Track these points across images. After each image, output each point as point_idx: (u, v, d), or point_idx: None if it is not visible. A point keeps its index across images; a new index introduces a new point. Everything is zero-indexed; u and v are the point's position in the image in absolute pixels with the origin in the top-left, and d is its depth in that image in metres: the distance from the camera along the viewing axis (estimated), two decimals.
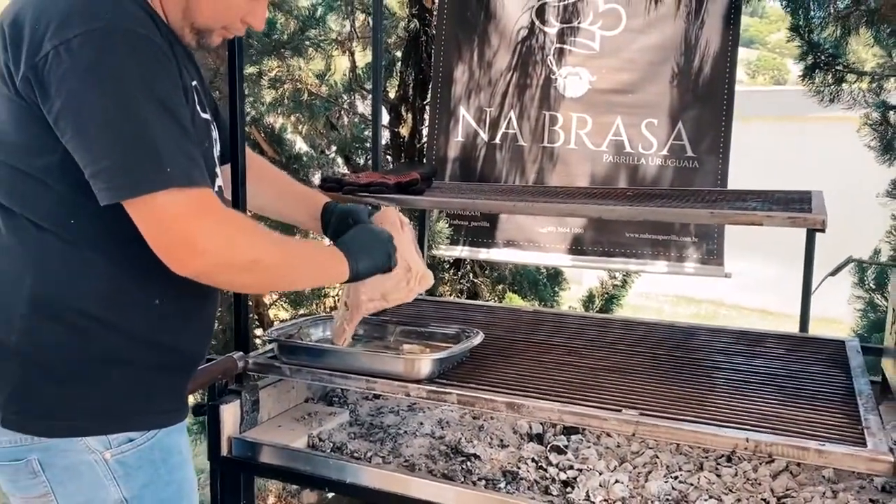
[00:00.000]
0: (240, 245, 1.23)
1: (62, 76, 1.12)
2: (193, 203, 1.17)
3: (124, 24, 1.17)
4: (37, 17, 1.15)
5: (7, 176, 1.22)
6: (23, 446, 1.25)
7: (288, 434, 1.71)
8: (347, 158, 3.57)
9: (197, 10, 1.29)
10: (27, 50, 1.14)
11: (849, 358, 1.69)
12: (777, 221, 1.53)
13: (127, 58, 1.15)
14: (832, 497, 1.48)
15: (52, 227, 1.22)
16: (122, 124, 1.14)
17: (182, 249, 1.17)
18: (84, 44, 1.13)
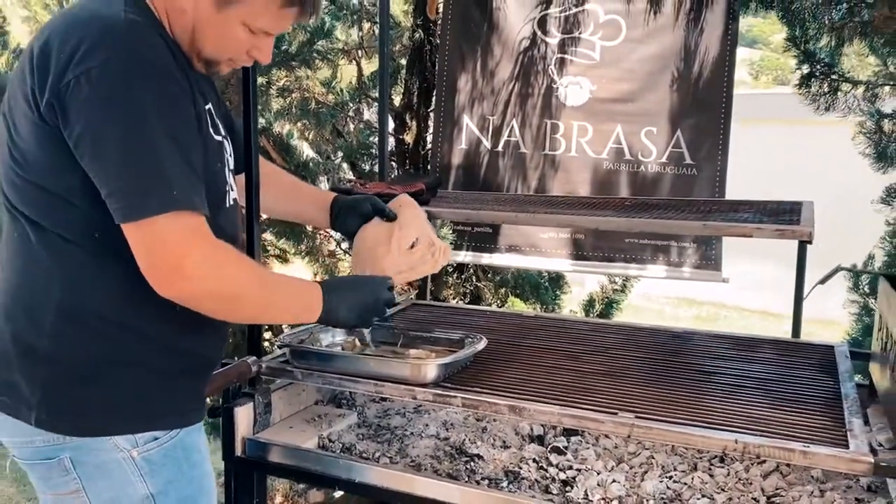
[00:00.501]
0: (226, 277, 1.30)
1: (82, 104, 1.20)
2: (189, 229, 1.24)
3: (143, 56, 1.24)
4: (62, 45, 1.22)
5: (34, 194, 1.29)
6: (55, 445, 1.32)
7: (299, 435, 1.79)
8: (353, 165, 3.64)
9: (201, 41, 1.35)
10: (52, 77, 1.21)
11: (837, 363, 1.76)
12: (766, 234, 1.59)
13: (142, 89, 1.22)
14: (819, 496, 1.55)
15: (78, 240, 1.29)
16: (134, 152, 1.22)
17: (170, 272, 1.24)
18: (104, 74, 1.20)
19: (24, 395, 1.32)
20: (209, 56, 1.38)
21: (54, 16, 1.40)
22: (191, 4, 1.32)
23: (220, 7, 1.32)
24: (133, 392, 1.34)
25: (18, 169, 1.29)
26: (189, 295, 1.27)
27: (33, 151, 1.27)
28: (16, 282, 1.35)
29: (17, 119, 1.28)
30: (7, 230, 1.37)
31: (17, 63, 3.77)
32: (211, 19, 1.33)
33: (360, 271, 1.62)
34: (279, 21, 1.38)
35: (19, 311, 1.34)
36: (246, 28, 1.35)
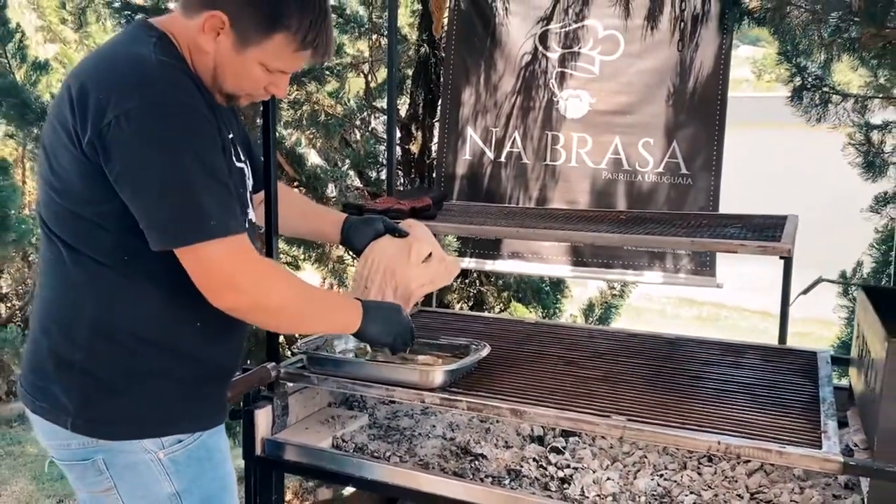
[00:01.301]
0: (272, 289, 1.43)
1: (122, 143, 1.31)
2: (232, 249, 1.37)
3: (174, 96, 1.36)
4: (100, 87, 1.34)
5: (71, 219, 1.41)
6: (90, 448, 1.45)
7: (314, 435, 1.91)
8: (360, 173, 3.76)
9: (222, 79, 1.46)
10: (93, 117, 1.32)
11: (819, 368, 1.87)
12: (750, 250, 1.71)
13: (176, 126, 1.34)
14: (799, 493, 1.67)
15: (109, 262, 1.41)
16: (172, 185, 1.33)
17: (224, 288, 1.37)
18: (141, 114, 1.31)
19: (62, 403, 1.44)
20: (229, 91, 1.49)
21: (87, 57, 1.50)
22: (212, 46, 1.43)
23: (239, 50, 1.43)
24: (159, 400, 1.47)
25: (57, 196, 1.41)
26: (239, 306, 1.40)
27: (73, 182, 1.39)
28: (51, 299, 1.48)
29: (58, 152, 1.39)
30: (44, 252, 1.50)
31: (34, 76, 3.88)
32: (231, 60, 1.44)
33: (379, 281, 1.74)
34: (294, 62, 1.49)
35: (55, 326, 1.46)
36: (263, 67, 1.46)
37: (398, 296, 1.75)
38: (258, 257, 1.43)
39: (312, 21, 1.43)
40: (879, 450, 1.43)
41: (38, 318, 1.50)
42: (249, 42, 1.42)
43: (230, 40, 1.42)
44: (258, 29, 1.41)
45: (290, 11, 1.41)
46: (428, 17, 3.41)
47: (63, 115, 1.38)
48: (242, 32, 1.42)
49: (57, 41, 5.26)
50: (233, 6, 1.40)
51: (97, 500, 1.50)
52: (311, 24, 1.43)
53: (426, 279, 1.78)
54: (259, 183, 1.75)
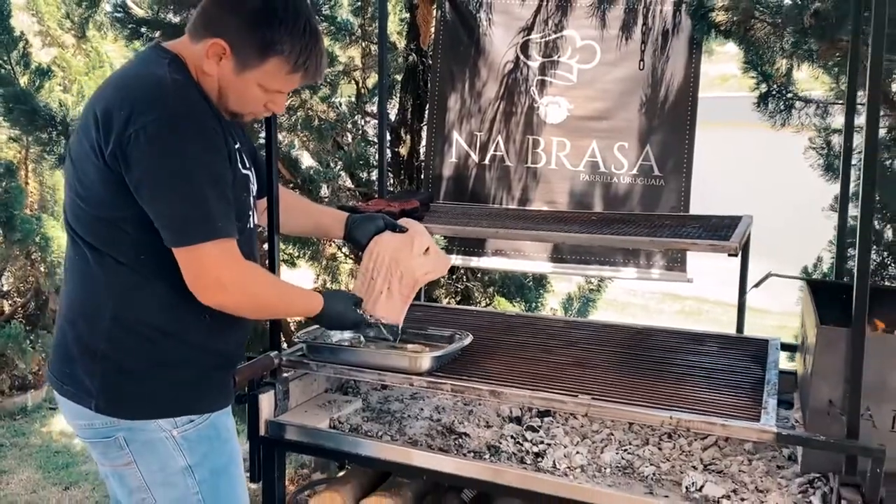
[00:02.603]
0: (252, 289, 1.64)
1: (141, 155, 1.50)
2: (225, 253, 1.57)
3: (187, 112, 1.55)
4: (122, 105, 1.52)
5: (96, 224, 1.60)
6: (112, 427, 1.63)
7: (313, 417, 2.10)
8: (352, 174, 3.94)
9: (226, 99, 1.65)
10: (115, 132, 1.51)
11: (768, 354, 2.08)
12: (701, 248, 1.92)
13: (188, 140, 1.53)
14: (748, 464, 1.87)
15: (128, 262, 1.60)
16: (184, 192, 1.53)
17: (212, 286, 1.57)
18: (158, 129, 1.50)
19: (85, 386, 1.62)
20: (233, 110, 1.68)
21: (108, 80, 1.68)
22: (215, 70, 1.62)
23: (239, 73, 1.62)
24: (173, 385, 1.65)
25: (83, 203, 1.60)
26: (225, 303, 1.60)
27: (97, 190, 1.57)
28: (76, 295, 1.66)
29: (84, 165, 1.58)
30: (69, 253, 1.68)
31: (37, 82, 4.03)
32: (232, 82, 1.63)
33: (385, 272, 1.92)
34: (289, 83, 1.68)
35: (80, 319, 1.65)
36: (262, 88, 1.65)
37: (404, 283, 1.93)
38: (243, 260, 1.62)
39: (303, 46, 1.62)
40: (810, 422, 1.64)
41: (65, 312, 1.68)
42: (248, 66, 1.61)
43: (231, 65, 1.61)
44: (255, 54, 1.60)
45: (282, 38, 1.60)
46: (415, 27, 3.59)
47: (90, 132, 1.56)
48: (241, 58, 1.60)
49: (55, 45, 5.41)
50: (232, 35, 1.59)
51: (119, 473, 1.69)
52: (302, 49, 1.62)
53: (429, 267, 1.98)
54: (264, 188, 1.93)
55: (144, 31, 3.19)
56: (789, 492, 1.72)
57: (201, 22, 1.62)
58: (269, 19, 1.57)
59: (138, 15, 3.30)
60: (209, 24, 1.60)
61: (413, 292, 1.97)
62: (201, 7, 1.65)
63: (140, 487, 1.67)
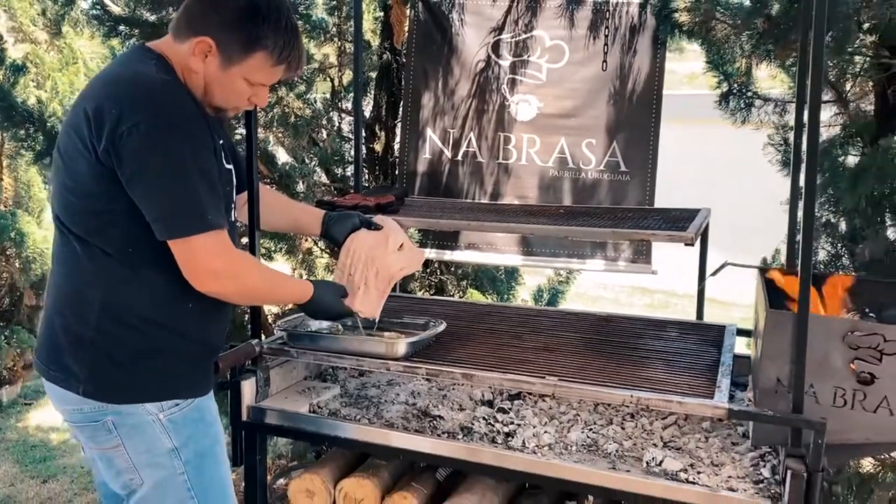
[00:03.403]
0: (245, 276, 1.72)
1: (133, 151, 1.58)
2: (217, 243, 1.65)
3: (176, 110, 1.63)
4: (113, 104, 1.60)
5: (85, 217, 1.67)
6: (100, 411, 1.70)
7: (293, 403, 2.18)
8: (328, 170, 4.01)
9: (211, 95, 1.74)
10: (107, 129, 1.58)
11: (724, 339, 2.21)
12: (660, 238, 2.04)
13: (178, 136, 1.61)
14: (705, 441, 1.99)
15: (116, 254, 1.67)
16: (175, 186, 1.61)
17: (207, 275, 1.66)
18: (150, 127, 1.58)
19: (74, 372, 1.70)
20: (218, 105, 1.76)
21: (96, 79, 1.75)
22: (201, 67, 1.70)
23: (225, 68, 1.70)
24: (159, 371, 1.73)
25: (72, 195, 1.67)
26: (219, 290, 1.68)
27: (88, 184, 1.64)
28: (65, 286, 1.73)
29: (74, 159, 1.65)
30: (58, 245, 1.75)
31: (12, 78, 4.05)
32: (218, 77, 1.71)
33: (362, 268, 2.00)
34: (272, 76, 1.77)
35: (68, 308, 1.72)
36: (246, 82, 1.74)
37: (380, 279, 2.02)
38: (235, 250, 1.71)
39: (286, 41, 1.72)
40: (759, 399, 1.76)
41: (53, 302, 1.75)
42: (233, 61, 1.69)
43: (217, 61, 1.69)
44: (240, 50, 1.69)
45: (266, 33, 1.69)
46: (389, 26, 3.67)
47: (80, 129, 1.63)
48: (227, 54, 1.69)
49: (27, 41, 5.41)
50: (218, 32, 1.67)
51: (107, 455, 1.76)
52: (285, 44, 1.72)
53: (404, 263, 2.07)
54: (243, 184, 2.01)
55: (123, 29, 3.24)
56: (742, 465, 1.85)
57: (185, 21, 1.70)
58: (253, 16, 1.66)
59: (115, 12, 3.34)
60: (193, 23, 1.68)
61: (389, 287, 2.05)
62: (184, 7, 1.72)
63: (128, 469, 1.74)
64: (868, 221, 3.10)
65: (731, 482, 1.77)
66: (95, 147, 1.60)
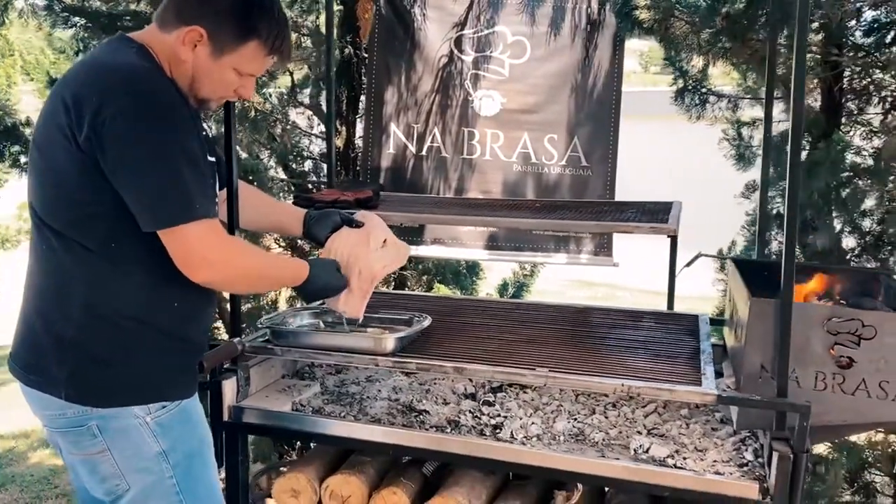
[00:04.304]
0: (240, 263, 1.69)
1: (117, 137, 1.53)
2: (209, 231, 1.61)
3: (161, 96, 1.58)
4: (93, 90, 1.54)
5: (65, 210, 1.61)
6: (84, 416, 1.64)
7: (275, 402, 2.15)
8: (286, 166, 3.96)
9: (198, 85, 1.70)
10: (89, 117, 1.52)
11: (700, 328, 2.27)
12: (644, 231, 2.09)
13: (163, 122, 1.56)
14: (686, 427, 2.05)
15: (97, 249, 1.61)
16: (161, 173, 1.56)
17: (201, 264, 1.61)
18: (133, 111, 1.53)
19: (55, 376, 1.63)
20: (204, 96, 1.72)
21: (73, 69, 1.69)
22: (190, 56, 1.65)
23: (216, 58, 1.67)
24: (144, 372, 1.68)
25: (52, 188, 1.60)
26: (214, 279, 1.64)
27: (69, 174, 1.58)
28: (45, 284, 1.66)
29: (53, 150, 1.58)
30: (36, 242, 1.68)
31: None
32: (207, 67, 1.67)
33: (343, 268, 1.98)
34: (263, 65, 1.74)
35: (49, 307, 1.65)
36: (236, 72, 1.70)
37: (362, 279, 2.00)
38: (228, 236, 1.67)
39: (279, 30, 1.70)
40: (744, 386, 1.82)
41: (32, 302, 1.68)
42: (225, 51, 1.66)
43: (207, 50, 1.65)
44: (234, 39, 1.66)
45: (260, 23, 1.67)
46: (349, 20, 3.64)
47: (58, 119, 1.57)
48: (219, 43, 1.65)
49: None
50: (210, 21, 1.64)
51: (91, 462, 1.69)
52: (278, 33, 1.70)
53: (387, 261, 2.04)
54: (222, 181, 1.97)
55: (77, 20, 3.11)
56: (725, 449, 1.91)
57: (175, 11, 1.66)
58: (247, 5, 1.64)
59: (67, 2, 3.22)
60: (184, 13, 1.64)
61: (372, 286, 2.02)
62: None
63: (114, 474, 1.68)
64: (819, 213, 3.23)
65: (716, 466, 1.82)
66: (76, 135, 1.54)
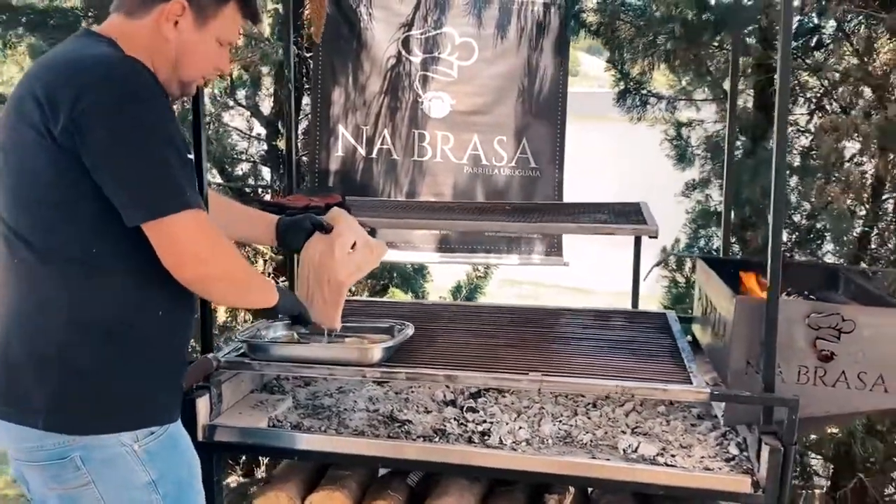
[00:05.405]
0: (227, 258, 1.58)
1: (98, 127, 1.41)
2: (199, 223, 1.50)
3: (141, 85, 1.48)
4: (69, 83, 1.42)
5: (41, 214, 1.47)
6: (66, 447, 1.51)
7: (250, 419, 2.05)
8: (222, 170, 3.82)
9: (185, 65, 1.60)
10: (66, 108, 1.40)
11: (671, 325, 2.32)
12: (626, 232, 2.11)
13: (144, 110, 1.46)
14: (666, 424, 2.08)
15: (78, 255, 1.49)
16: (147, 161, 1.45)
17: (190, 260, 1.50)
18: (114, 100, 1.42)
19: (33, 404, 1.49)
20: (188, 78, 1.63)
21: (40, 63, 1.57)
22: (173, 34, 1.56)
23: (200, 27, 1.58)
24: (130, 392, 1.56)
25: (26, 191, 1.47)
26: (207, 275, 1.54)
27: (45, 174, 1.45)
28: (20, 303, 1.52)
29: (27, 151, 1.45)
30: (4, 258, 1.54)
31: None
32: (193, 40, 1.58)
33: (312, 279, 1.91)
34: (238, 30, 1.68)
35: (27, 326, 1.51)
36: (217, 42, 1.63)
37: (331, 289, 1.93)
38: (217, 231, 1.56)
39: None
40: (731, 382, 1.87)
41: (7, 324, 1.54)
42: (207, 17, 1.59)
43: (190, 22, 1.57)
44: (213, 3, 1.58)
45: None
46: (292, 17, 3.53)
47: (30, 117, 1.44)
48: (200, 11, 1.57)
49: None
50: None
51: (70, 496, 1.54)
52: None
53: (353, 267, 1.97)
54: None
55: None
56: (709, 445, 1.95)
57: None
58: None
59: None
60: None
61: (340, 296, 1.95)
62: None
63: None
64: (758, 211, 3.37)
65: (705, 462, 1.86)
66: (51, 130, 1.42)
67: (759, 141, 3.33)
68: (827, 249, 3.57)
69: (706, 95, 3.80)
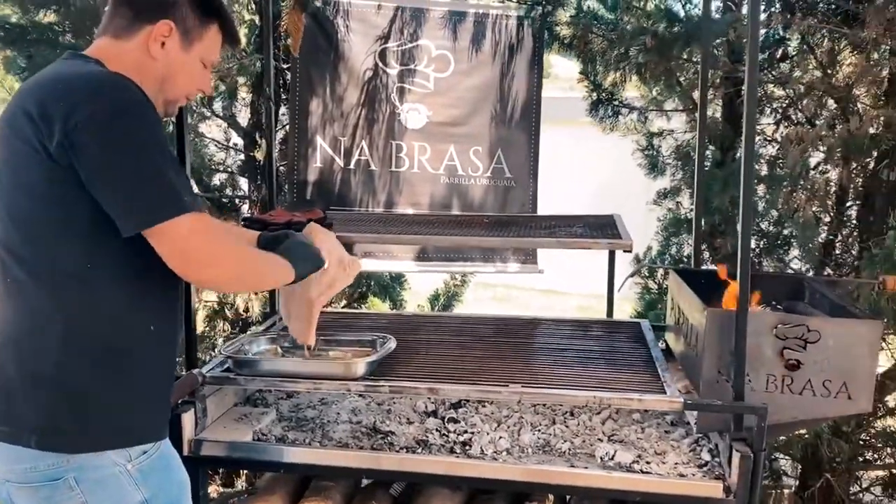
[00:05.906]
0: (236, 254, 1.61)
1: (92, 140, 1.43)
2: (201, 226, 1.52)
3: (132, 98, 1.51)
4: (63, 98, 1.45)
5: (32, 227, 1.50)
6: (60, 468, 1.52)
7: (235, 432, 2.08)
8: (199, 180, 3.82)
9: (171, 85, 1.63)
10: (60, 123, 1.43)
11: (644, 335, 2.39)
12: (602, 246, 2.18)
13: (137, 121, 1.49)
14: (641, 432, 2.15)
15: (72, 270, 1.50)
16: (144, 170, 1.47)
17: (203, 263, 1.52)
18: (106, 113, 1.44)
19: (27, 422, 1.51)
20: (174, 97, 1.66)
21: (31, 83, 1.58)
22: (161, 53, 1.60)
23: (186, 48, 1.62)
24: (124, 409, 1.58)
25: (23, 205, 1.49)
26: (218, 276, 1.57)
27: (43, 189, 1.47)
28: (14, 323, 1.54)
29: (22, 166, 1.47)
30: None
31: None
32: (180, 60, 1.61)
33: (286, 297, 1.94)
34: (218, 51, 1.72)
35: (25, 346, 1.52)
36: (201, 63, 1.66)
37: (303, 306, 1.96)
38: (222, 230, 1.60)
39: (228, 15, 1.69)
40: (704, 391, 1.94)
41: (3, 343, 1.55)
42: (193, 39, 1.62)
43: (176, 42, 1.60)
44: (198, 24, 1.62)
45: (218, 5, 1.65)
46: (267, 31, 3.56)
47: (23, 133, 1.46)
48: (186, 32, 1.61)
49: None
50: (174, 11, 1.60)
51: None
52: (228, 17, 1.69)
53: (324, 286, 1.91)
54: None
55: None
56: (682, 451, 2.02)
57: (130, 16, 1.59)
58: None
59: None
60: (142, 14, 1.59)
61: (312, 314, 1.93)
62: (125, 3, 1.61)
63: None
64: (727, 219, 3.46)
65: (678, 468, 1.93)
66: (46, 146, 1.45)
67: (728, 151, 3.43)
68: (793, 255, 3.68)
69: (676, 106, 3.90)
